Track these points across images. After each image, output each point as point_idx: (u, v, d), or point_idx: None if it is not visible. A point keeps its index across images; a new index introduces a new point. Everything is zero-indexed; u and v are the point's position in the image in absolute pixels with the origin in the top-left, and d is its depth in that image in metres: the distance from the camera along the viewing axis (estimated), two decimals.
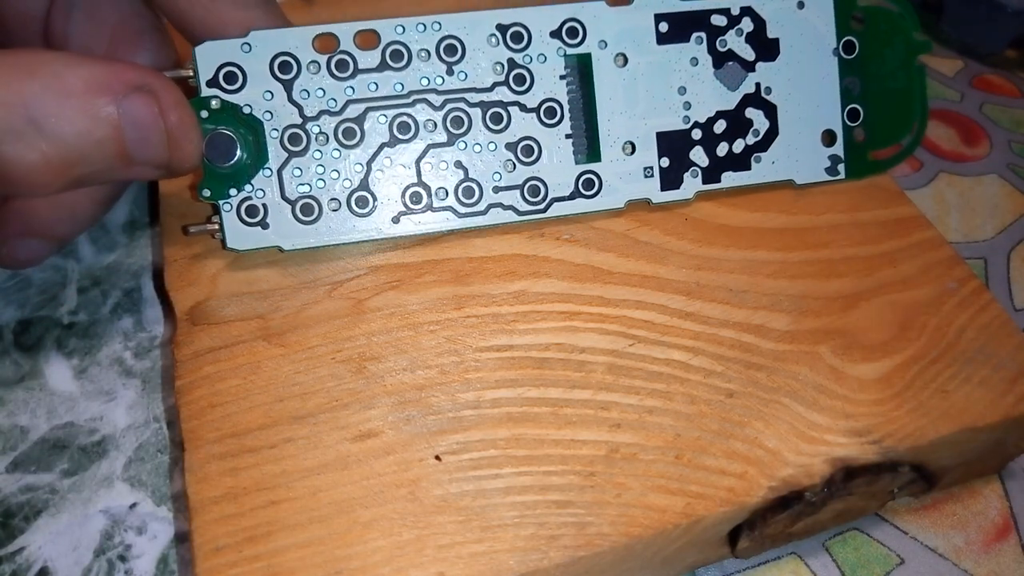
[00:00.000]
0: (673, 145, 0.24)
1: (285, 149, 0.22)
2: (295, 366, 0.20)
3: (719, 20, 0.24)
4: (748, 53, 0.24)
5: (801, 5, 0.24)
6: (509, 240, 0.23)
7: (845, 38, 0.24)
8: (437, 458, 0.19)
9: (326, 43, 0.21)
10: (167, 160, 0.20)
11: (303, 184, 0.22)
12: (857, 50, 0.25)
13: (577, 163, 0.23)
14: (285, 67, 0.21)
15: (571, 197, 0.23)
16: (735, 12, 0.24)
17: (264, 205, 0.22)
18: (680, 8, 0.23)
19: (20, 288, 0.26)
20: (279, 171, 0.22)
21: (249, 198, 0.22)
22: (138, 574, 0.21)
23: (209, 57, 0.21)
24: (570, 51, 0.23)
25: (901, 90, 0.25)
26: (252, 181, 0.22)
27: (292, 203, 0.22)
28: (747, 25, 0.24)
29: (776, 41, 0.24)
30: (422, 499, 0.18)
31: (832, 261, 0.23)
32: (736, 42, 0.24)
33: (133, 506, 0.22)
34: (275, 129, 0.22)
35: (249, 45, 0.21)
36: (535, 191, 0.23)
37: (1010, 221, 0.30)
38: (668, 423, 0.20)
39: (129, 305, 0.26)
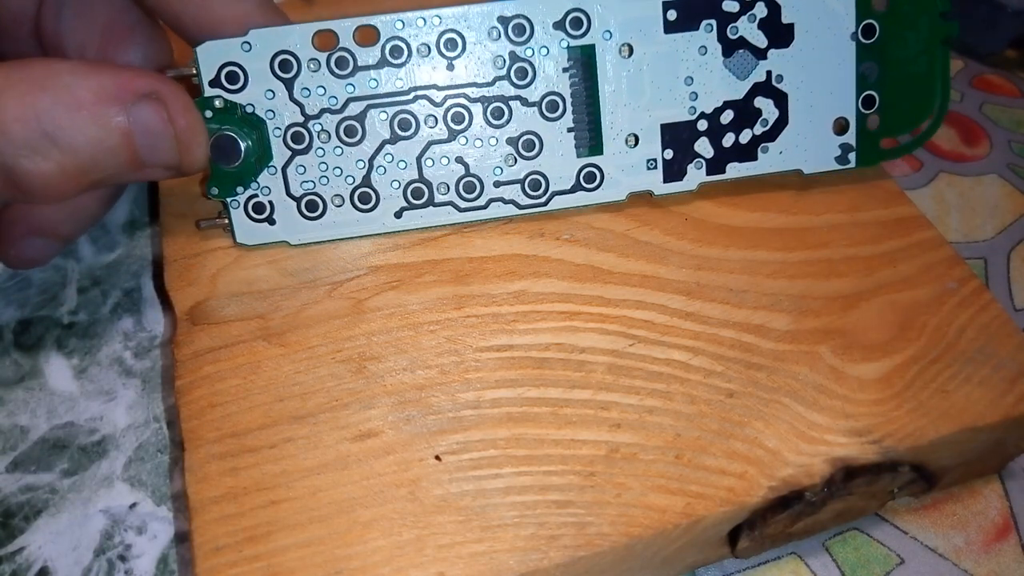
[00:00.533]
0: (678, 136, 0.24)
1: (288, 147, 0.22)
2: (295, 366, 0.20)
3: (731, 6, 0.23)
4: (760, 40, 0.23)
5: None
6: (509, 240, 0.23)
7: (865, 21, 0.23)
8: (437, 458, 0.19)
9: (326, 40, 0.21)
10: (177, 162, 0.20)
11: (307, 181, 0.22)
12: (877, 34, 0.24)
13: (579, 156, 0.23)
14: (285, 65, 0.21)
15: (572, 190, 0.23)
16: None
17: (270, 202, 0.22)
18: None
19: (20, 288, 0.26)
20: (283, 169, 0.22)
21: (256, 195, 0.22)
22: (138, 574, 0.21)
23: (210, 57, 0.21)
24: (573, 43, 0.22)
25: (921, 75, 0.24)
26: (258, 179, 0.22)
27: (297, 200, 0.22)
28: (761, 11, 0.23)
29: (791, 27, 0.23)
30: (422, 499, 0.18)
31: (832, 261, 0.23)
32: (748, 29, 0.23)
33: (133, 506, 0.22)
34: (278, 128, 0.22)
35: (249, 44, 0.21)
36: (536, 185, 0.23)
37: (1010, 221, 0.30)
38: (668, 423, 0.20)
39: (129, 305, 0.26)
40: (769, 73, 0.24)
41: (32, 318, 0.26)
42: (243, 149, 0.21)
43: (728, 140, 0.24)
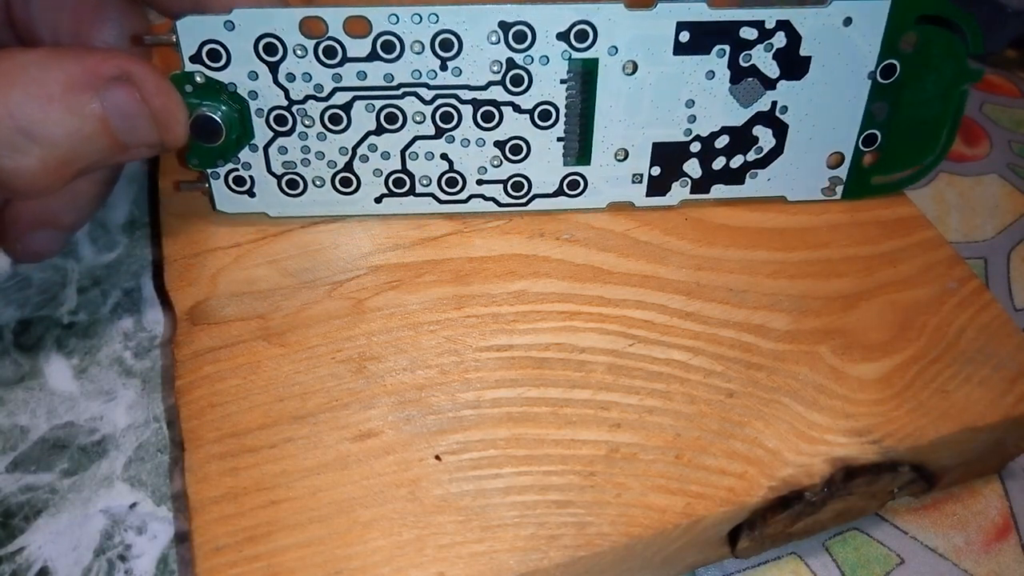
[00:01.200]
0: (668, 155, 0.23)
1: (271, 128, 0.22)
2: (295, 366, 0.20)
3: (749, 33, 0.21)
4: (772, 70, 0.22)
5: (848, 21, 0.21)
6: (509, 240, 0.23)
7: (886, 61, 0.22)
8: (437, 458, 0.19)
9: (314, 27, 0.21)
10: (159, 141, 0.20)
11: (288, 162, 0.22)
12: (896, 74, 0.22)
13: (565, 164, 0.23)
14: (270, 49, 0.21)
15: (554, 195, 0.23)
16: (770, 25, 0.21)
17: (251, 177, 0.22)
18: (708, 18, 0.21)
19: (20, 288, 0.26)
20: (265, 148, 0.22)
21: (236, 170, 0.22)
22: (138, 574, 0.21)
23: (191, 32, 0.20)
24: (576, 55, 0.21)
25: (933, 118, 0.23)
26: (239, 155, 0.22)
27: (278, 177, 0.23)
28: (779, 40, 0.22)
29: (807, 59, 0.22)
30: (422, 499, 0.18)
31: (832, 261, 0.23)
32: (762, 58, 0.22)
33: (133, 506, 0.22)
34: (260, 109, 0.21)
35: (232, 23, 0.20)
36: (519, 187, 0.23)
37: (1010, 221, 0.30)
38: (668, 423, 0.20)
39: (129, 305, 0.26)
40: (774, 103, 0.23)
41: (32, 318, 0.26)
42: (223, 129, 0.21)
43: (718, 164, 0.23)
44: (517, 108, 0.22)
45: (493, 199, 0.23)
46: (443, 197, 0.23)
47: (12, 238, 0.23)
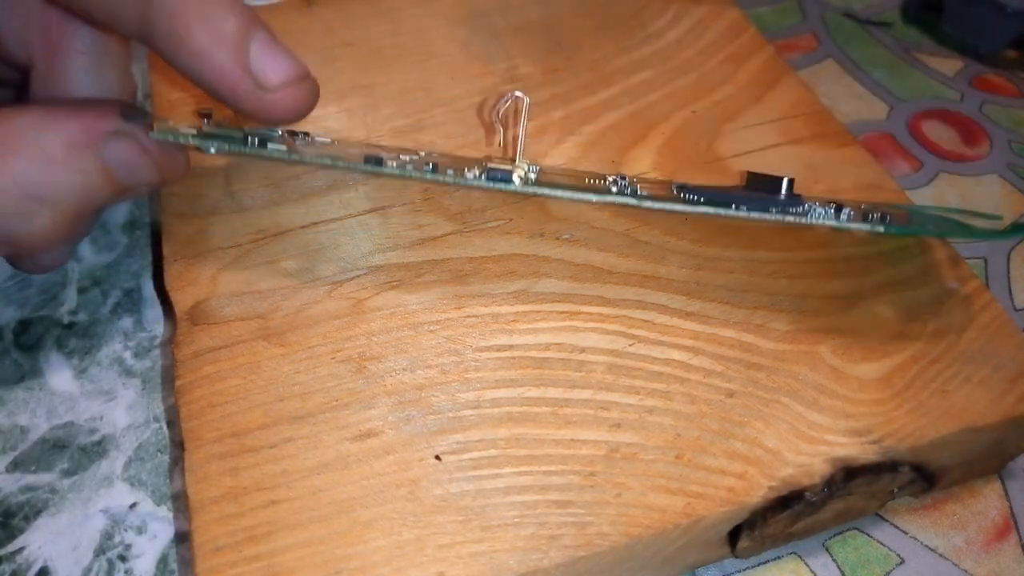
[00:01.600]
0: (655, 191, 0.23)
1: (259, 146, 0.22)
2: (295, 366, 0.20)
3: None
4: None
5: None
6: (509, 240, 0.23)
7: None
8: (437, 458, 0.19)
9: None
10: (159, 180, 0.21)
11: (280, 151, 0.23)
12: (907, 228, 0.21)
13: None
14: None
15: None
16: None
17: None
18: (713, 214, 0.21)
19: (20, 288, 0.26)
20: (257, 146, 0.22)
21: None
22: (138, 574, 0.21)
23: (164, 136, 0.20)
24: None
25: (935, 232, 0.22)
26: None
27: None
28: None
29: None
30: (422, 499, 0.18)
31: (832, 261, 0.23)
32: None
33: (133, 506, 0.22)
34: (247, 147, 0.21)
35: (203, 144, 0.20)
36: (506, 179, 0.23)
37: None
38: (668, 423, 0.20)
39: (129, 305, 0.26)
40: None
41: (32, 318, 0.26)
42: (214, 153, 0.21)
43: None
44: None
45: (479, 179, 0.24)
46: (429, 175, 0.23)
47: (22, 258, 0.23)
